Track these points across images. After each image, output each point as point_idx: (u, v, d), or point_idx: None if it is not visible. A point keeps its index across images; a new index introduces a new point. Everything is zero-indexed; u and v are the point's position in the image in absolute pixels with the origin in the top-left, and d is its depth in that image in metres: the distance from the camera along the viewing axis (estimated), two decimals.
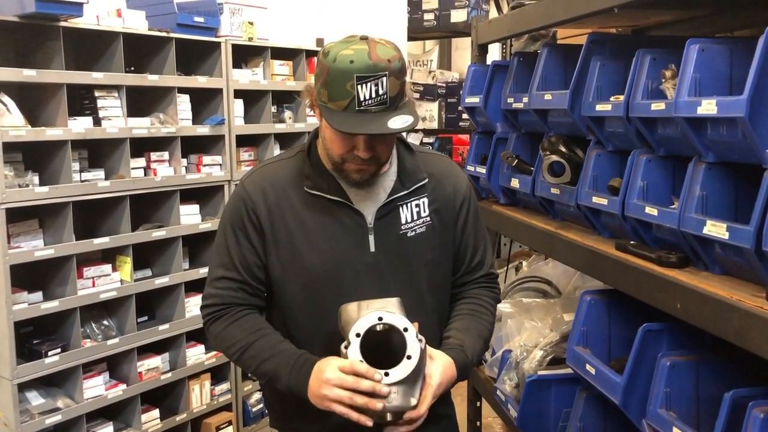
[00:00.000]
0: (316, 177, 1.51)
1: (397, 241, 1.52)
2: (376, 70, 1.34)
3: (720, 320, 1.32)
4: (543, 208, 2.26)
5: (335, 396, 1.33)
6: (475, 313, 1.60)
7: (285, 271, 1.51)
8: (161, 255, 3.05)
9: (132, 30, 2.79)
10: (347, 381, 1.32)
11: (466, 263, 1.63)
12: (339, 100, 1.37)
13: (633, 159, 1.71)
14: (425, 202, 1.56)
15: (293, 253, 1.50)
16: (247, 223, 1.52)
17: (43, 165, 2.65)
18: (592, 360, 1.76)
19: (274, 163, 1.60)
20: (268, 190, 1.52)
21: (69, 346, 2.67)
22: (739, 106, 1.26)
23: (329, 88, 1.38)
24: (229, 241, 1.54)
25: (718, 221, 1.37)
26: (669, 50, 1.65)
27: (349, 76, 1.34)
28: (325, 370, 1.35)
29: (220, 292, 1.54)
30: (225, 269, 1.54)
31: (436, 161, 1.63)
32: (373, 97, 1.36)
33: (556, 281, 2.73)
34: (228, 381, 3.33)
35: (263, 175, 1.56)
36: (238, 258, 1.52)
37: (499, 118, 2.54)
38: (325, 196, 1.50)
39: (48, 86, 2.57)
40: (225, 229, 1.56)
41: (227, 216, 1.57)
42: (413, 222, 1.54)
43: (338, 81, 1.36)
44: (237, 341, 1.50)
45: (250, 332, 1.50)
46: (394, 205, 1.53)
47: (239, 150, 3.31)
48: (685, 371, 1.53)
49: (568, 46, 2.30)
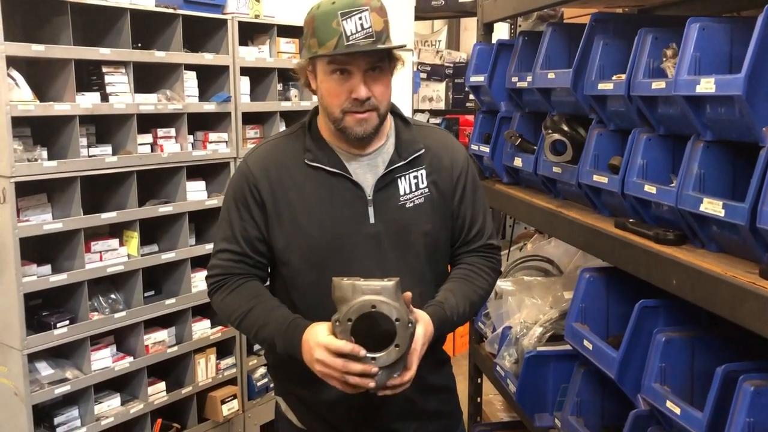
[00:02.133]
0: (316, 150, 1.57)
1: (396, 213, 1.57)
2: (358, 5, 1.44)
3: (714, 296, 1.35)
4: (545, 186, 2.28)
5: (327, 374, 1.40)
6: (466, 277, 1.64)
7: (288, 243, 1.56)
8: (168, 230, 3.09)
9: (139, 6, 2.80)
10: (337, 363, 1.37)
11: (464, 234, 1.67)
12: (328, 40, 1.45)
13: (633, 138, 1.73)
14: (423, 174, 1.61)
15: (295, 225, 1.55)
16: (249, 198, 1.58)
17: (51, 140, 2.68)
18: (589, 336, 1.79)
19: (276, 140, 1.66)
20: (270, 166, 1.58)
21: (77, 319, 2.71)
22: (736, 84, 1.28)
23: (317, 35, 1.46)
24: (232, 215, 1.60)
25: (714, 199, 1.39)
26: (670, 29, 1.66)
27: (333, 14, 1.44)
28: (314, 348, 1.41)
29: (221, 263, 1.61)
30: (227, 242, 1.61)
31: (432, 133, 1.68)
32: (359, 30, 1.44)
33: (557, 260, 2.75)
34: (233, 355, 3.38)
35: (265, 152, 1.62)
36: (240, 231, 1.59)
37: (504, 97, 2.55)
38: (326, 168, 1.56)
39: (56, 62, 2.59)
40: (228, 204, 1.63)
41: (230, 192, 1.63)
42: (412, 193, 1.59)
43: (325, 23, 1.45)
44: (236, 308, 1.57)
45: (248, 299, 1.56)
46: (392, 177, 1.58)
47: (245, 127, 3.32)
48: (679, 347, 1.56)
49: (573, 25, 2.31)
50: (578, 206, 2.09)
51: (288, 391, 1.70)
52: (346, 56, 1.46)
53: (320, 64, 1.50)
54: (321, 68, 1.51)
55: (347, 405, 1.58)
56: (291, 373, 1.63)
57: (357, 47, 1.44)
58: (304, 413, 1.67)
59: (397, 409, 1.61)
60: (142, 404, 2.96)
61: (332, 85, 1.50)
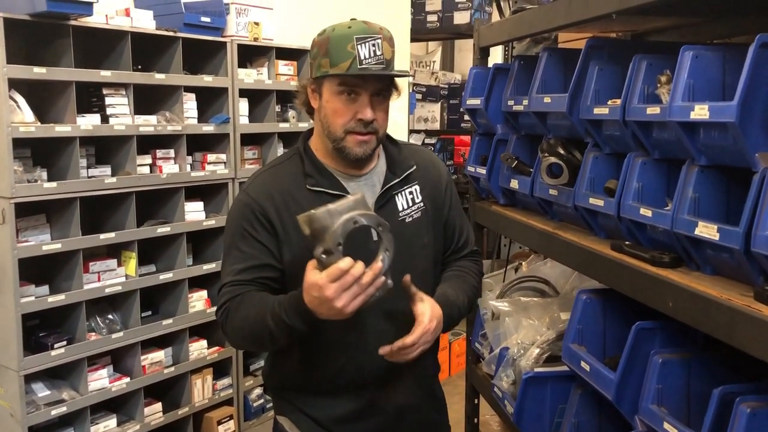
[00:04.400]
0: (316, 175, 1.62)
1: (398, 228, 1.58)
2: (374, 31, 1.53)
3: (709, 318, 1.36)
4: (541, 208, 2.30)
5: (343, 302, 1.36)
6: (460, 277, 1.75)
7: (297, 264, 1.54)
8: (166, 251, 3.10)
9: (140, 29, 2.84)
10: (347, 281, 1.35)
11: (454, 242, 1.80)
12: (342, 62, 1.51)
13: (629, 161, 1.75)
14: (417, 189, 1.70)
15: (303, 247, 1.53)
16: (257, 226, 1.58)
17: (51, 161, 2.70)
18: (586, 357, 1.80)
19: (271, 169, 1.68)
20: (273, 192, 1.60)
21: (74, 339, 2.72)
22: (729, 111, 1.30)
23: (331, 55, 1.52)
24: (240, 246, 1.59)
25: (709, 223, 1.41)
26: (665, 56, 1.70)
27: (350, 38, 1.51)
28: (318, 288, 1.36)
29: (230, 289, 1.58)
30: (233, 274, 1.58)
31: (418, 151, 1.80)
32: (372, 56, 1.52)
33: (554, 281, 2.77)
34: (230, 376, 3.38)
35: (264, 182, 1.64)
36: (250, 260, 1.57)
37: (500, 120, 2.58)
38: (328, 191, 1.59)
39: (57, 84, 2.62)
40: (233, 237, 1.60)
41: (234, 225, 1.61)
42: (409, 208, 1.68)
43: (339, 45, 1.51)
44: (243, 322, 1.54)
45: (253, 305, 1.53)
46: (390, 194, 1.65)
47: (243, 148, 3.35)
48: (676, 368, 1.57)
49: (568, 50, 2.34)
50: (574, 228, 2.11)
51: (295, 409, 1.68)
52: (358, 78, 1.52)
53: (328, 84, 1.55)
54: (329, 88, 1.55)
55: (358, 417, 1.62)
56: (300, 390, 1.65)
57: (369, 71, 1.51)
58: (313, 430, 1.67)
59: (410, 421, 1.68)
60: (138, 425, 2.95)
61: (339, 105, 1.55)
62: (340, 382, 1.63)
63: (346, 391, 1.63)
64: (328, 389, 1.63)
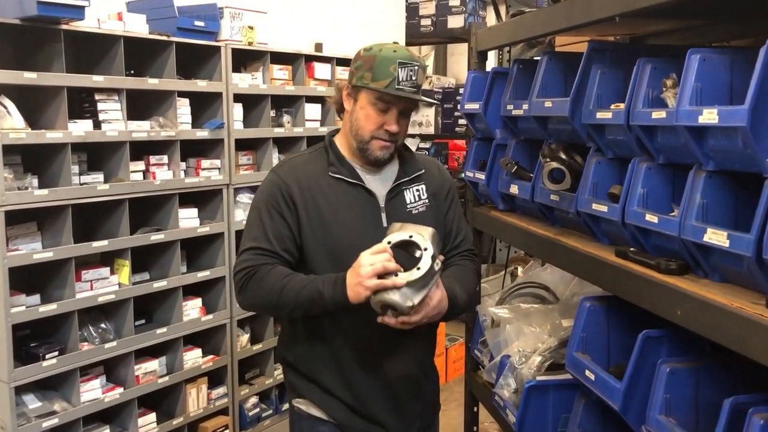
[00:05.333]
0: (338, 165, 1.84)
1: (404, 218, 1.82)
2: (414, 59, 1.76)
3: (720, 327, 1.33)
4: (542, 214, 2.27)
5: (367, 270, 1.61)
6: (461, 273, 1.92)
7: (316, 241, 1.79)
8: (159, 258, 3.05)
9: (133, 33, 2.80)
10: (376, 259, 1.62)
11: (452, 239, 1.97)
12: (382, 79, 1.74)
13: (633, 167, 1.73)
14: (423, 188, 1.92)
15: (322, 226, 1.78)
16: (281, 203, 1.79)
17: (42, 168, 2.65)
18: (591, 366, 1.77)
19: (300, 157, 1.91)
20: (300, 176, 1.82)
21: (66, 350, 2.66)
22: (740, 115, 1.28)
23: (374, 71, 1.75)
24: (264, 218, 1.80)
25: (718, 229, 1.38)
26: (669, 59, 1.67)
27: (393, 60, 1.74)
28: (361, 258, 1.64)
29: (252, 257, 1.78)
30: (257, 241, 1.79)
31: (428, 160, 2.04)
32: (408, 80, 1.75)
33: (553, 287, 2.74)
34: (225, 385, 3.33)
35: (293, 166, 1.86)
36: (273, 232, 1.78)
37: (499, 125, 2.55)
38: (347, 179, 1.82)
39: (48, 89, 2.57)
40: (259, 211, 1.82)
41: (262, 200, 1.83)
42: (416, 202, 1.89)
43: (384, 64, 1.74)
44: (274, 284, 1.73)
45: (282, 276, 1.74)
46: (400, 189, 1.88)
47: (238, 154, 3.31)
48: (684, 377, 1.54)
49: (568, 53, 2.32)
50: (576, 234, 2.08)
51: (314, 386, 1.85)
52: (392, 97, 1.75)
53: (366, 94, 1.78)
54: (366, 97, 1.78)
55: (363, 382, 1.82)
56: (319, 363, 1.83)
57: (404, 92, 1.75)
58: (332, 403, 1.84)
59: (410, 387, 1.87)
60: None
61: (372, 114, 1.78)
62: (348, 350, 1.82)
63: (353, 359, 1.82)
64: (337, 357, 1.82)
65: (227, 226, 3.23)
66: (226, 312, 3.28)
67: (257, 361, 3.56)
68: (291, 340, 1.92)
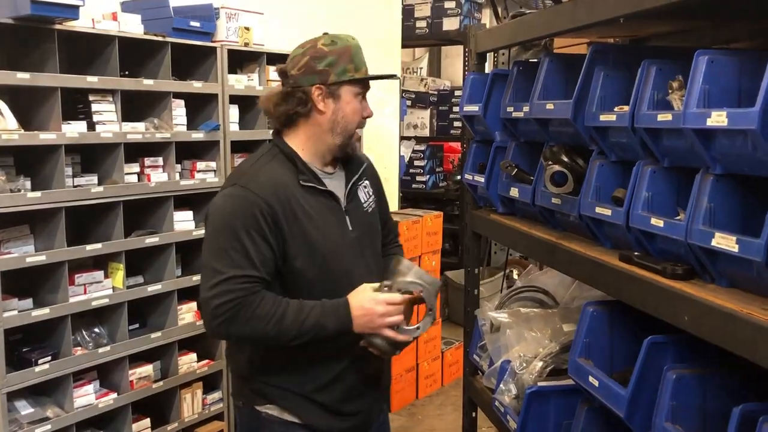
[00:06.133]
0: (308, 173, 1.80)
1: (363, 218, 1.89)
2: None
3: (730, 334, 1.31)
4: (542, 217, 2.24)
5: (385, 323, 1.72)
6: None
7: (300, 254, 1.75)
8: (154, 262, 3.02)
9: (127, 34, 2.76)
10: (396, 309, 1.73)
11: (387, 229, 2.06)
12: (362, 67, 1.78)
13: (638, 170, 1.70)
14: (368, 184, 1.96)
15: (305, 237, 1.75)
16: (263, 225, 1.69)
17: (35, 169, 2.61)
18: (595, 372, 1.75)
19: (265, 166, 1.79)
20: (277, 189, 1.73)
21: (59, 355, 2.62)
22: (750, 118, 1.25)
23: (355, 62, 1.77)
24: (246, 243, 1.68)
25: (727, 234, 1.36)
26: (674, 61, 1.65)
27: (360, 48, 1.79)
28: (375, 304, 1.72)
29: (238, 287, 1.66)
30: (241, 269, 1.67)
31: (358, 152, 2.02)
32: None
33: (553, 291, 2.71)
34: (220, 390, 3.29)
35: (266, 178, 1.75)
36: (257, 257, 1.68)
37: (498, 127, 2.52)
38: (317, 187, 1.80)
39: (42, 90, 2.53)
40: (236, 233, 1.68)
41: (239, 221, 1.68)
42: (367, 200, 1.93)
43: (359, 53, 1.78)
44: (270, 316, 1.67)
45: (277, 306, 1.69)
46: (354, 189, 1.90)
47: (233, 156, 3.28)
48: (691, 384, 1.52)
49: (568, 55, 2.30)
50: (577, 238, 2.05)
51: (287, 393, 1.81)
52: (367, 82, 1.80)
53: (350, 87, 1.78)
54: (351, 91, 1.78)
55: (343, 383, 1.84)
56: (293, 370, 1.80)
57: (380, 76, 1.84)
58: (308, 407, 1.82)
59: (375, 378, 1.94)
60: None
61: (357, 106, 1.80)
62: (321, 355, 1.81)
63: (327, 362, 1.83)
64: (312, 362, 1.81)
65: None
66: None
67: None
68: (256, 351, 1.83)
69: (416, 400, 4.45)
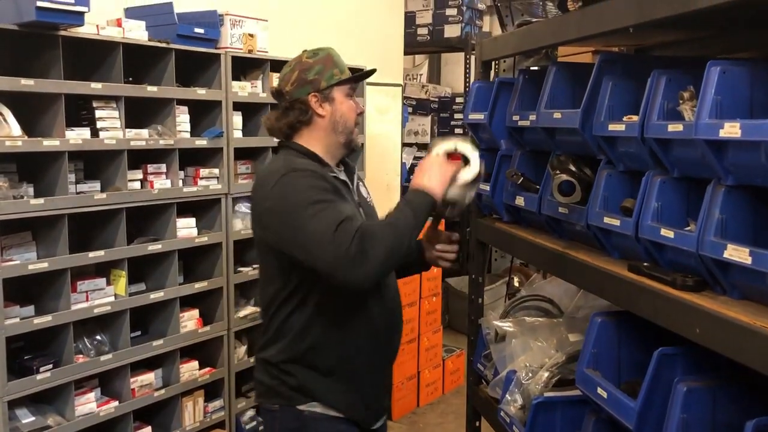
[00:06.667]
0: (331, 166, 1.94)
1: (370, 210, 2.01)
2: None
3: (743, 346, 1.30)
4: (548, 226, 2.24)
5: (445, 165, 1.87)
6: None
7: None
8: (156, 269, 3.00)
9: (132, 40, 2.75)
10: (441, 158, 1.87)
11: None
12: (346, 70, 1.93)
13: (647, 180, 1.69)
14: (364, 181, 2.15)
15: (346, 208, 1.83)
16: (328, 186, 1.79)
17: (38, 176, 2.59)
18: (603, 383, 1.74)
19: (296, 159, 1.87)
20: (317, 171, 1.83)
21: (61, 362, 2.60)
22: (765, 130, 1.25)
23: (339, 65, 1.92)
24: (328, 199, 1.75)
25: (740, 246, 1.35)
26: (684, 71, 1.64)
27: (338, 53, 1.95)
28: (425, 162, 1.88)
29: (347, 228, 1.67)
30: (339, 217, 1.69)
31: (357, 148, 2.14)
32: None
33: (557, 300, 2.70)
34: (221, 398, 3.27)
35: (303, 166, 1.83)
36: (346, 209, 1.77)
37: (504, 136, 2.52)
38: (339, 176, 1.92)
39: (45, 96, 2.51)
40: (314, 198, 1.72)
41: (307, 189, 1.75)
42: (368, 195, 2.08)
43: (339, 58, 1.94)
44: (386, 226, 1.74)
45: (381, 222, 1.79)
46: (357, 185, 2.03)
47: (236, 163, 3.26)
48: (701, 397, 1.51)
49: (575, 64, 2.30)
50: (585, 247, 2.04)
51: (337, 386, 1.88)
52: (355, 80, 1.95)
53: (341, 89, 1.92)
54: (342, 91, 1.92)
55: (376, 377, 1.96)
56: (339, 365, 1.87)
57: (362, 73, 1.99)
58: (352, 401, 1.90)
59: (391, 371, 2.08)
60: None
61: (351, 104, 1.94)
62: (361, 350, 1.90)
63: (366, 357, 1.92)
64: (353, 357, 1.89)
65: (225, 236, 3.18)
66: (224, 323, 3.22)
67: None
68: (302, 346, 1.87)
69: (417, 408, 4.42)
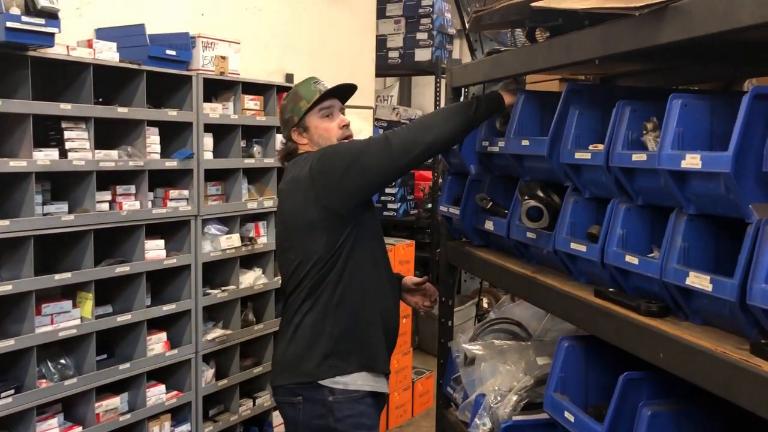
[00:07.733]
0: None
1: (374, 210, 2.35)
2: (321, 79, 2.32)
3: (705, 372, 1.33)
4: (517, 250, 2.27)
5: None
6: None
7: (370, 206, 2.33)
8: (123, 291, 2.96)
9: (103, 61, 2.74)
10: None
11: None
12: (312, 96, 2.22)
13: (613, 207, 1.73)
14: None
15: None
16: None
17: (3, 197, 2.55)
18: (571, 407, 1.76)
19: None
20: None
21: (23, 387, 2.54)
22: (724, 161, 1.29)
23: (306, 97, 2.23)
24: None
25: (701, 273, 1.39)
26: (648, 102, 1.69)
27: (309, 82, 2.28)
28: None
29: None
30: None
31: None
32: (323, 85, 2.27)
33: (526, 323, 2.73)
34: (188, 422, 3.22)
35: None
36: None
37: (473, 161, 2.55)
38: None
39: (13, 116, 2.49)
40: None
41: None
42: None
43: (306, 88, 2.24)
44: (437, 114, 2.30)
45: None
46: None
47: (207, 184, 3.25)
48: (666, 421, 1.54)
49: (543, 93, 2.35)
50: (552, 272, 2.08)
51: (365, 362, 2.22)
52: (327, 98, 2.23)
53: (313, 116, 2.22)
54: (314, 118, 2.23)
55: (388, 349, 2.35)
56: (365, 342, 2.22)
57: (327, 87, 2.24)
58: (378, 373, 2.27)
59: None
60: None
61: (328, 124, 2.23)
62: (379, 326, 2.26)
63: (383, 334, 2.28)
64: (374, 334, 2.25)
65: (194, 258, 3.16)
66: (191, 346, 3.19)
67: (222, 397, 3.46)
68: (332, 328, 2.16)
69: (387, 431, 4.41)
